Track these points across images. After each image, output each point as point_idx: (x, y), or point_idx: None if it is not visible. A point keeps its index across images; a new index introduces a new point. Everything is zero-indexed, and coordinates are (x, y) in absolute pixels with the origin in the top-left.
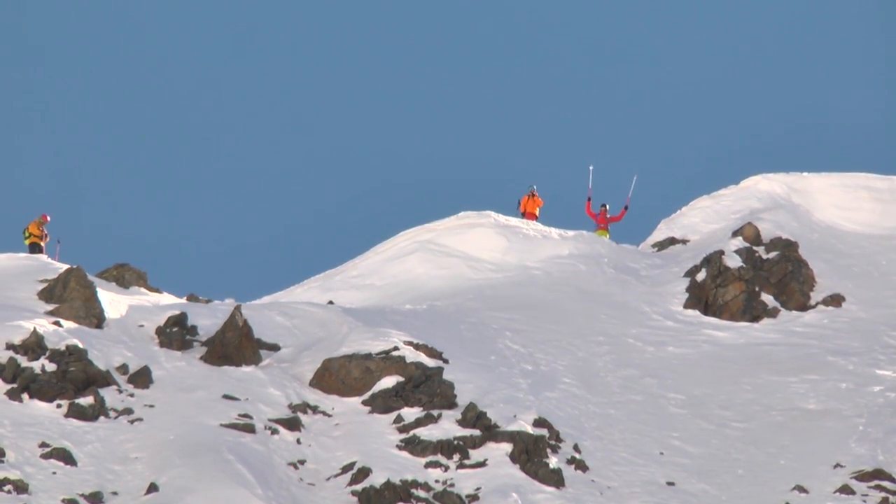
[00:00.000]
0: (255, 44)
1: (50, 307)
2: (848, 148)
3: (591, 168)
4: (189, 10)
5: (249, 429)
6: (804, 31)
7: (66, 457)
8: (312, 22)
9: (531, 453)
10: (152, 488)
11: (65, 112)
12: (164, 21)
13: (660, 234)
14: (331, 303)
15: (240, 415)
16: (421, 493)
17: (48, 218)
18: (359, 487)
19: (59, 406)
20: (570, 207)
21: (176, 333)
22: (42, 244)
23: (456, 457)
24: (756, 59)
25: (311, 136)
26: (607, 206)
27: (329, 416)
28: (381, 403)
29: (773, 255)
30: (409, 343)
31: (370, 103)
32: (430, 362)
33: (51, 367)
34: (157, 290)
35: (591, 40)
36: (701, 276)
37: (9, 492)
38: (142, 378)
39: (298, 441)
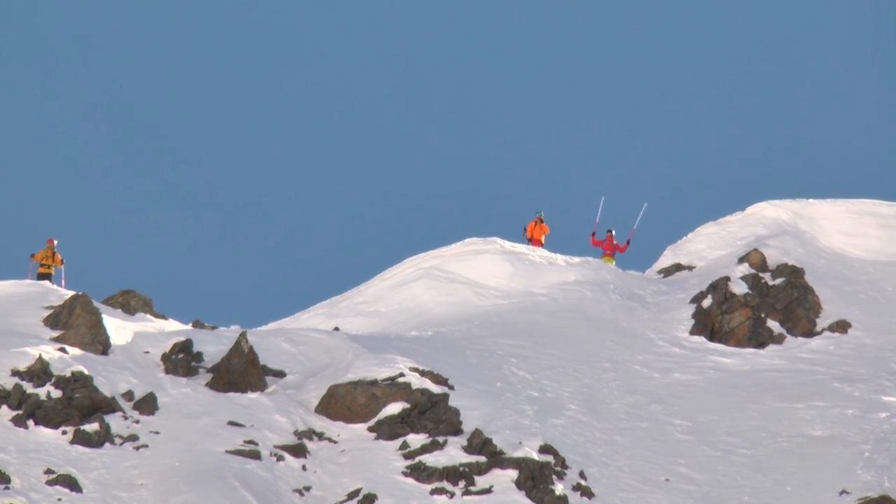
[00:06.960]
0: (248, 77)
1: (55, 333)
2: (854, 174)
3: (602, 199)
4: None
5: (255, 455)
6: (811, 57)
7: (71, 483)
8: (314, 49)
9: (537, 480)
10: None
11: (71, 136)
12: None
13: (666, 260)
14: (336, 329)
15: (245, 441)
16: None
17: (55, 241)
18: None
19: (64, 432)
20: (576, 234)
21: (181, 360)
22: (52, 272)
23: (462, 483)
24: (762, 85)
25: (314, 164)
26: (613, 232)
27: (335, 442)
28: (387, 430)
29: (779, 281)
30: (415, 369)
31: (374, 131)
32: (436, 389)
33: (56, 393)
34: (163, 317)
35: (599, 68)
36: (707, 302)
37: None
38: (147, 404)
39: (304, 468)
